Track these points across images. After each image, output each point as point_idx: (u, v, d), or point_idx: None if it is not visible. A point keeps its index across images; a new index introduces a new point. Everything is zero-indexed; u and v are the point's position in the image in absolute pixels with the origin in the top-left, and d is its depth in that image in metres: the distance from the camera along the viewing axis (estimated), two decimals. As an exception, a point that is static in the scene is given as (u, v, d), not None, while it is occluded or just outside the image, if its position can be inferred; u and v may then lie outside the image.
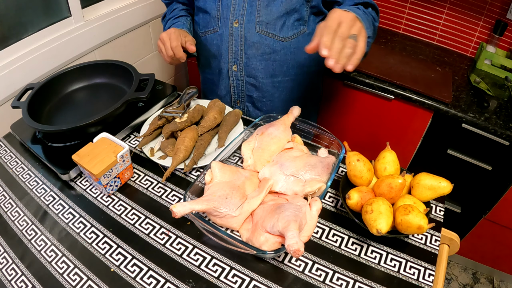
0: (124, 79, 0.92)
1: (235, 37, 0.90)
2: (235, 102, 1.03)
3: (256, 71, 0.94)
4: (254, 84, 0.97)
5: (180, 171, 0.78)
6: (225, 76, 0.98)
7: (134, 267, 0.60)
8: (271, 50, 0.90)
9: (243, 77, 0.96)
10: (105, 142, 0.71)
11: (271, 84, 0.97)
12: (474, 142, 1.28)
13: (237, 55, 0.92)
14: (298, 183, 0.68)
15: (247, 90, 0.99)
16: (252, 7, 0.86)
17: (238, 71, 0.95)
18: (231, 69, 0.95)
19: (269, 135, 0.77)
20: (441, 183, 0.63)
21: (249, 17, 0.87)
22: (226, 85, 1.00)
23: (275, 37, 0.89)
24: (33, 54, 1.14)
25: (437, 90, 1.29)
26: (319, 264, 0.61)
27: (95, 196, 0.72)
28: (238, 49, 0.91)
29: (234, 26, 0.88)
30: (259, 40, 0.89)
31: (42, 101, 0.86)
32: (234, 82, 0.98)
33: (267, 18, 0.86)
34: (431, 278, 0.60)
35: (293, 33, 0.89)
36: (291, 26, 0.88)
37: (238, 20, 0.88)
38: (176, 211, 0.58)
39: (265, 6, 0.85)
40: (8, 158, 0.81)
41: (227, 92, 1.01)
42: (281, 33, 0.88)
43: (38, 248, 0.63)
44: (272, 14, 0.86)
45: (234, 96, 1.01)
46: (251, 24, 0.87)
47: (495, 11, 1.46)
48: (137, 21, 1.51)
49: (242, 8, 0.87)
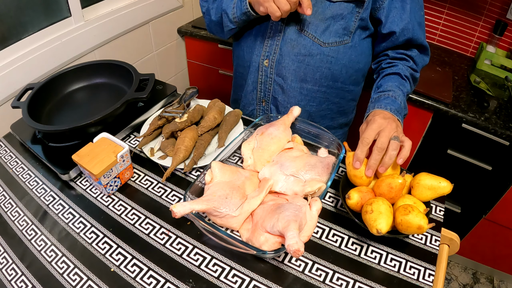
0: (124, 79, 0.92)
1: (273, 31, 0.86)
2: (260, 101, 0.98)
3: (287, 72, 0.89)
4: (282, 86, 0.92)
5: (180, 171, 0.78)
6: (255, 70, 0.93)
7: (134, 267, 0.60)
8: (307, 52, 0.86)
9: (273, 75, 0.91)
10: (105, 142, 0.71)
11: (299, 89, 0.91)
12: (474, 142, 1.28)
13: (271, 50, 0.88)
14: (298, 183, 0.68)
15: (274, 91, 0.95)
16: None
17: (269, 67, 0.90)
18: (262, 64, 0.91)
19: (269, 135, 0.76)
20: (441, 183, 0.63)
21: (293, 12, 0.80)
22: (254, 80, 0.95)
23: (314, 39, 0.84)
24: (33, 54, 1.14)
25: (437, 90, 1.29)
26: (319, 264, 0.61)
27: (95, 196, 0.72)
28: (274, 43, 0.87)
29: None
30: (297, 38, 0.85)
31: (42, 101, 0.86)
32: (262, 78, 0.93)
33: (311, 18, 0.82)
34: (431, 278, 0.60)
35: (335, 41, 0.85)
36: (334, 33, 0.84)
37: None
38: (176, 211, 0.58)
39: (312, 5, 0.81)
40: (8, 158, 0.81)
41: (254, 88, 0.97)
42: (322, 37, 0.84)
43: (38, 248, 0.63)
44: (317, 15, 0.82)
45: (260, 94, 0.97)
46: (293, 21, 0.84)
47: (495, 11, 1.46)
48: (137, 21, 1.51)
49: None
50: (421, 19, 0.86)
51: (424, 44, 0.88)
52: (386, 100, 0.79)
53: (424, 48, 0.89)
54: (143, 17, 1.54)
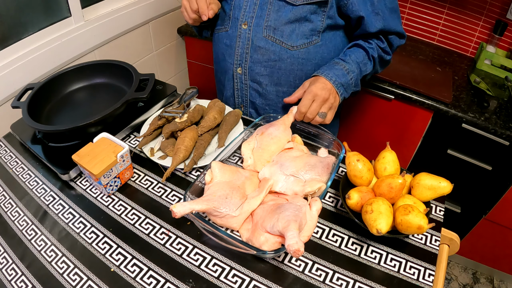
0: (124, 79, 0.92)
1: (242, 39, 0.88)
2: (239, 106, 1.01)
3: (260, 77, 0.91)
4: (258, 90, 0.94)
5: (180, 171, 0.78)
6: (230, 77, 0.96)
7: (134, 267, 0.60)
8: (277, 57, 0.87)
9: (247, 81, 0.94)
10: (105, 142, 0.71)
11: (275, 93, 0.94)
12: (474, 142, 1.28)
13: (242, 58, 0.90)
14: (298, 183, 0.68)
15: (251, 96, 0.96)
16: (263, 10, 0.84)
17: (243, 74, 0.93)
18: (236, 71, 0.94)
19: (269, 135, 0.76)
20: (441, 183, 0.63)
21: (258, 20, 0.85)
22: (231, 86, 0.98)
23: (282, 44, 0.86)
24: (33, 54, 1.14)
25: (437, 90, 1.29)
26: (319, 264, 0.61)
27: (95, 196, 0.72)
28: (244, 52, 0.89)
29: (243, 28, 0.87)
30: (265, 45, 0.86)
31: (42, 101, 0.86)
32: (238, 85, 0.96)
33: (276, 23, 0.84)
34: (431, 278, 0.60)
35: (303, 43, 0.86)
36: (301, 35, 0.85)
37: (247, 22, 0.86)
38: (176, 211, 0.58)
39: (275, 11, 0.83)
40: (8, 158, 0.81)
41: (231, 95, 1.00)
42: (289, 41, 0.85)
43: (38, 248, 0.63)
44: (280, 20, 0.83)
45: (238, 100, 0.99)
46: (259, 28, 0.85)
47: (495, 11, 1.46)
48: (137, 21, 1.51)
49: (253, 11, 0.85)
50: (393, 4, 0.85)
51: (400, 32, 0.88)
52: (336, 71, 0.83)
53: (401, 35, 0.90)
54: (143, 17, 1.54)
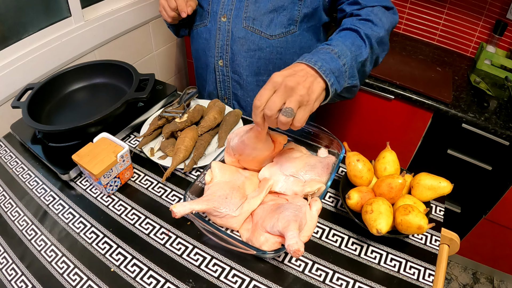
0: (124, 79, 0.92)
1: (222, 32, 0.90)
2: (223, 99, 1.03)
3: (241, 68, 0.94)
4: (239, 82, 0.97)
5: (180, 171, 0.78)
6: (212, 71, 0.98)
7: (134, 267, 0.60)
8: (256, 46, 0.89)
9: (229, 73, 0.96)
10: (105, 142, 0.71)
11: (255, 82, 0.96)
12: (474, 142, 1.28)
13: (223, 50, 0.92)
14: (297, 183, 0.68)
15: (233, 88, 0.99)
16: (241, 2, 0.86)
17: (224, 67, 0.95)
18: (218, 64, 0.96)
19: (249, 155, 0.69)
20: (441, 183, 0.63)
21: (237, 12, 0.87)
22: (213, 80, 1.00)
23: (261, 34, 0.88)
24: (33, 54, 1.14)
25: (437, 90, 1.29)
26: (319, 264, 0.61)
27: (95, 196, 0.72)
28: (224, 44, 0.91)
29: (222, 21, 0.89)
30: (245, 35, 0.88)
31: (42, 101, 0.86)
32: (220, 78, 0.98)
33: (255, 14, 0.86)
34: (431, 278, 0.60)
35: (281, 32, 0.88)
36: (279, 24, 0.87)
37: (226, 15, 0.88)
38: (176, 211, 0.58)
39: (253, 2, 0.85)
40: (8, 158, 0.81)
41: (214, 88, 1.02)
42: (268, 30, 0.87)
43: (38, 248, 0.63)
44: (259, 10, 0.85)
45: (221, 92, 1.02)
46: (238, 19, 0.87)
47: (495, 11, 1.46)
48: (137, 21, 1.51)
49: (231, 3, 0.87)
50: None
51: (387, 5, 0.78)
52: (322, 55, 0.60)
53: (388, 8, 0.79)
54: (143, 17, 1.54)
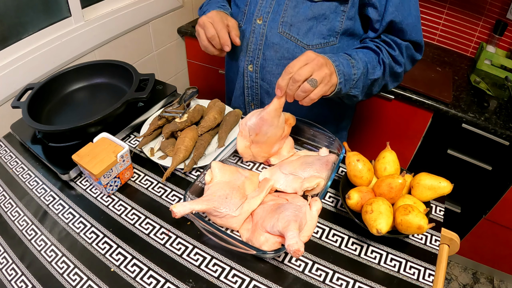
0: (124, 79, 0.92)
1: (256, 35, 0.84)
2: (249, 105, 0.96)
3: (271, 76, 0.87)
4: (267, 91, 0.90)
5: (180, 171, 0.78)
6: (241, 75, 0.92)
7: (134, 267, 0.60)
8: (291, 55, 0.82)
9: (258, 80, 0.89)
10: (105, 142, 0.71)
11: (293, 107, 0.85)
12: (474, 142, 1.28)
13: (254, 55, 0.86)
14: (296, 180, 0.69)
15: (261, 96, 0.92)
16: (280, 5, 0.80)
17: (254, 72, 0.89)
18: (247, 69, 0.89)
19: (265, 135, 0.73)
20: (441, 183, 0.63)
21: (274, 15, 0.80)
22: (241, 85, 0.94)
23: (297, 42, 0.81)
24: (33, 54, 1.14)
25: (437, 90, 1.29)
26: (319, 264, 0.61)
27: (95, 196, 0.72)
28: (256, 48, 0.85)
29: (257, 23, 0.82)
30: (279, 41, 0.82)
31: (42, 101, 0.86)
32: (248, 83, 0.91)
33: (292, 19, 0.79)
34: (431, 278, 0.60)
35: (319, 42, 0.80)
36: (317, 34, 0.79)
37: (262, 17, 0.82)
38: (176, 211, 0.58)
39: (292, 7, 0.78)
40: (8, 158, 0.81)
41: (241, 93, 0.96)
42: (305, 39, 0.80)
43: (38, 248, 0.63)
44: (298, 16, 0.78)
45: (248, 98, 0.95)
46: (274, 23, 0.81)
47: (495, 11, 1.46)
48: (137, 21, 1.51)
49: (269, 6, 0.81)
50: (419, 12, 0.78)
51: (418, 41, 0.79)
52: (342, 59, 0.70)
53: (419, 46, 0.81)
54: (143, 17, 1.54)
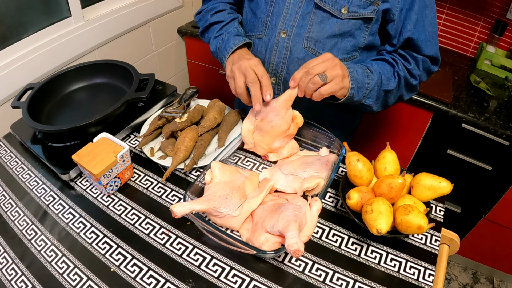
0: (124, 79, 0.92)
1: (279, 48, 0.82)
2: None
3: None
4: None
5: (180, 171, 0.78)
6: None
7: (134, 267, 0.60)
8: None
9: (280, 92, 0.87)
10: (105, 142, 0.71)
11: (307, 108, 0.85)
12: (474, 142, 1.28)
13: (278, 68, 0.84)
14: (296, 180, 0.69)
15: None
16: (304, 20, 0.78)
17: (276, 85, 0.87)
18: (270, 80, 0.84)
19: (269, 123, 0.73)
20: (441, 183, 0.63)
21: (298, 30, 0.79)
22: None
23: None
24: (33, 54, 1.14)
25: (437, 90, 1.29)
26: (319, 264, 0.61)
27: (95, 196, 0.72)
28: (280, 62, 0.83)
29: (281, 36, 0.80)
30: (304, 57, 0.80)
31: (42, 101, 0.86)
32: None
33: (318, 35, 0.78)
34: (431, 278, 0.60)
35: (343, 58, 0.80)
36: (342, 50, 0.79)
37: (286, 31, 0.80)
38: (176, 211, 0.58)
39: (318, 23, 0.77)
40: (8, 158, 0.81)
41: None
42: None
43: (38, 248, 0.63)
44: (323, 32, 0.77)
45: None
46: (299, 38, 0.79)
47: (495, 11, 1.46)
48: (137, 21, 1.51)
49: (294, 19, 0.79)
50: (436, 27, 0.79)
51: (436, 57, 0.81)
52: (357, 68, 0.73)
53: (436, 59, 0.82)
54: (143, 17, 1.54)
